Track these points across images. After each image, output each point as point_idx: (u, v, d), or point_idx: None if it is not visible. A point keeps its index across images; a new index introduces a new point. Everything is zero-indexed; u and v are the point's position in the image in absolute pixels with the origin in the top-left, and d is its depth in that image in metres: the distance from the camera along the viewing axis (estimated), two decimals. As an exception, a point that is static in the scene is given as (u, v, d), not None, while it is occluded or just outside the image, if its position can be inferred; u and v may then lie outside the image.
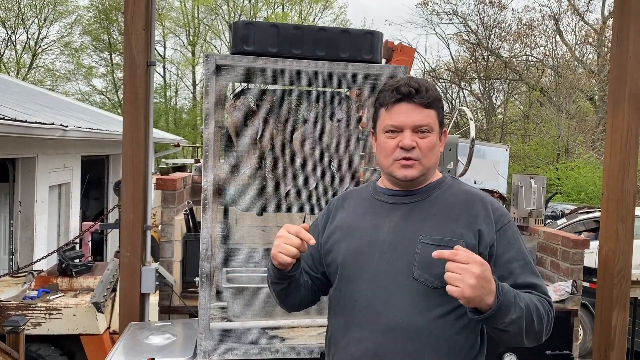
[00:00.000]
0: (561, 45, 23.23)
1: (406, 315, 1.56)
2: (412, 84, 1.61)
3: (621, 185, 3.22)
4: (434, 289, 1.55)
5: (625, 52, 3.19)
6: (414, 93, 1.60)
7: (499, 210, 1.66)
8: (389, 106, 1.64)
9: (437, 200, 1.66)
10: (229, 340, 2.40)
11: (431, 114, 1.63)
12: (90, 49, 28.95)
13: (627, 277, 3.25)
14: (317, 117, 2.59)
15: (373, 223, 1.67)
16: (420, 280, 1.56)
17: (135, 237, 2.96)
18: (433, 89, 1.65)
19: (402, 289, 1.57)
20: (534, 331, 1.53)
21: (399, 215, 1.65)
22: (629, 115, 3.20)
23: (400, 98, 1.61)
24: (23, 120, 5.82)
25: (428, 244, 1.57)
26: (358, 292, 1.62)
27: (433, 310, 1.56)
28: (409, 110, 1.61)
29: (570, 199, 17.01)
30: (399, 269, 1.58)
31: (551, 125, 21.49)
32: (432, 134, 1.63)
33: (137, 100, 2.95)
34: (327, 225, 1.78)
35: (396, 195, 1.69)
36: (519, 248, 1.64)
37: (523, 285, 1.59)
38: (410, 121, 1.61)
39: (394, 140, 1.62)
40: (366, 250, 1.63)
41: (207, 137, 2.33)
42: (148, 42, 2.98)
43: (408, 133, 1.61)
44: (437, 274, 1.53)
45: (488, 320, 1.45)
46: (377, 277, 1.60)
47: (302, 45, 2.34)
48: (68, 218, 8.82)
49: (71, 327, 4.72)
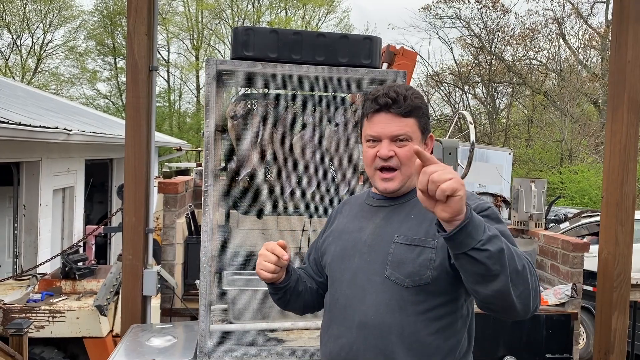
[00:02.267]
0: (565, 49, 23.24)
1: (378, 313, 1.58)
2: (390, 94, 1.63)
3: (620, 189, 3.23)
4: (406, 287, 1.57)
5: (624, 57, 3.21)
6: (390, 103, 1.62)
7: (477, 200, 1.64)
8: (369, 116, 1.68)
9: (417, 203, 1.60)
10: (229, 342, 2.42)
11: (409, 122, 1.65)
12: (94, 53, 29.16)
13: (626, 280, 3.26)
14: (317, 121, 2.62)
15: (359, 226, 1.73)
16: (391, 279, 1.59)
17: (137, 240, 2.99)
18: (413, 97, 1.66)
19: (375, 287, 1.60)
20: (521, 276, 1.36)
21: (381, 217, 1.70)
22: (628, 120, 3.22)
23: (378, 108, 1.64)
24: (27, 124, 5.86)
25: (401, 244, 1.60)
26: (339, 291, 1.68)
27: (406, 309, 1.57)
28: (386, 120, 1.64)
29: (574, 202, 16.97)
30: (373, 268, 1.62)
31: (555, 129, 21.46)
32: (411, 142, 1.64)
33: (139, 105, 2.98)
34: (325, 231, 1.88)
35: (381, 199, 1.74)
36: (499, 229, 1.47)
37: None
38: (387, 131, 1.64)
39: (374, 150, 1.66)
40: (349, 252, 1.69)
41: (208, 141, 2.36)
42: (150, 47, 3.02)
43: (386, 143, 1.64)
44: (408, 273, 1.56)
45: (461, 236, 1.30)
46: (356, 276, 1.65)
47: (301, 50, 2.37)
48: (72, 221, 8.86)
49: (74, 330, 4.74)
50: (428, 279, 1.56)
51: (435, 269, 1.55)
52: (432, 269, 1.55)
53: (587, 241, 3.61)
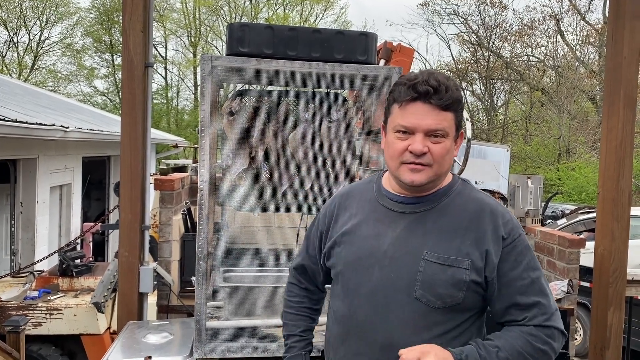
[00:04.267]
0: (562, 45, 23.26)
1: (404, 335, 1.49)
2: (431, 82, 1.46)
3: (616, 185, 3.24)
4: (435, 309, 1.49)
5: (620, 53, 3.21)
6: (431, 93, 1.45)
7: (509, 224, 1.54)
8: (402, 104, 1.49)
9: (444, 211, 1.54)
10: (225, 338, 2.42)
11: (448, 117, 1.49)
12: (91, 50, 29.08)
13: (622, 276, 3.27)
14: (313, 118, 2.62)
15: (375, 231, 1.57)
16: (422, 300, 1.49)
17: (133, 237, 2.99)
18: (454, 88, 1.50)
19: (401, 307, 1.50)
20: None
21: (403, 226, 1.54)
22: (624, 116, 3.22)
23: (416, 97, 1.46)
24: (24, 122, 5.85)
25: (432, 262, 1.49)
26: (356, 305, 1.56)
27: (432, 329, 1.50)
28: (424, 111, 1.46)
29: (572, 199, 17.01)
30: (399, 286, 1.51)
31: (552, 125, 21.49)
32: (446, 139, 1.49)
33: (135, 102, 2.98)
34: (330, 226, 1.68)
35: (402, 203, 1.57)
36: (527, 264, 1.51)
37: (525, 305, 1.50)
38: (423, 124, 1.46)
39: (404, 142, 1.49)
40: (366, 262, 1.55)
41: (203, 137, 2.36)
42: (146, 43, 3.01)
43: (420, 137, 1.47)
44: (439, 294, 1.48)
45: None
46: (376, 291, 1.53)
47: (297, 46, 2.36)
48: (69, 219, 8.85)
49: (72, 327, 4.74)
50: (459, 299, 1.49)
51: (468, 289, 1.49)
52: (464, 290, 1.49)
53: (584, 237, 3.61)
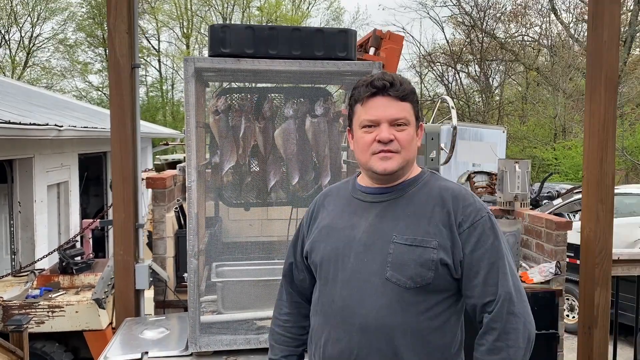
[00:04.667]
0: (556, 23, 23.15)
1: (380, 316, 1.55)
2: (386, 78, 1.60)
3: (600, 167, 3.29)
4: (407, 289, 1.55)
5: (600, 37, 3.25)
6: (388, 86, 1.58)
7: (472, 206, 1.61)
8: (364, 101, 1.61)
9: (412, 198, 1.64)
10: (218, 332, 2.50)
11: (407, 107, 1.61)
12: (85, 45, 28.96)
13: (607, 256, 3.34)
14: (297, 114, 2.67)
15: (350, 223, 1.66)
16: (392, 281, 1.55)
17: (127, 236, 3.05)
18: (407, 82, 1.63)
19: (375, 289, 1.57)
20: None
21: (374, 214, 1.64)
22: (606, 99, 3.27)
23: (375, 92, 1.59)
24: (17, 122, 5.89)
25: (400, 244, 1.57)
26: (335, 293, 1.62)
27: (407, 310, 1.55)
28: (384, 103, 1.59)
29: (568, 178, 17.07)
30: (372, 269, 1.58)
31: (548, 105, 21.49)
32: (409, 127, 1.61)
33: (123, 102, 3.03)
34: (310, 226, 1.78)
35: (372, 194, 1.68)
36: (491, 245, 1.58)
37: (492, 284, 1.56)
38: (387, 114, 1.59)
39: (371, 135, 1.60)
40: (342, 251, 1.63)
41: (189, 137, 2.41)
42: (131, 44, 3.05)
43: (385, 126, 1.59)
44: (409, 275, 1.54)
45: None
46: (352, 277, 1.60)
47: (277, 45, 2.41)
48: (68, 216, 8.92)
49: (74, 324, 4.82)
50: (429, 279, 1.55)
51: (436, 268, 1.55)
52: (433, 269, 1.54)
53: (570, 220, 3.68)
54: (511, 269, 1.60)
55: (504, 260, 1.59)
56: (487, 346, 1.55)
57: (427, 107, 22.05)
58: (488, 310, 1.56)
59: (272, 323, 1.88)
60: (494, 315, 1.55)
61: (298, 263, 1.82)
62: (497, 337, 1.54)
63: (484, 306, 1.57)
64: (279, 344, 1.83)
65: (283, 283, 1.87)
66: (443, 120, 8.16)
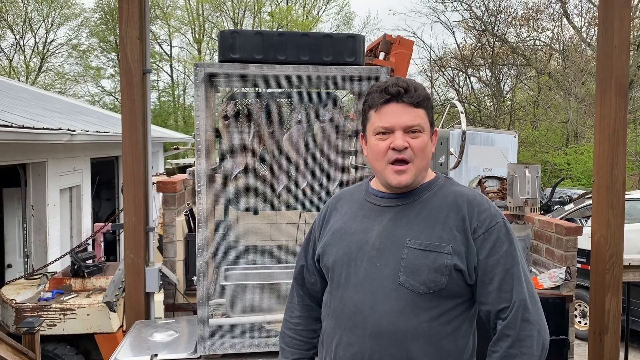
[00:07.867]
0: (568, 28, 23.02)
1: (392, 321, 1.55)
2: (400, 84, 1.59)
3: (610, 172, 3.28)
4: (420, 294, 1.54)
5: (610, 41, 3.24)
6: (402, 92, 1.58)
7: (488, 212, 1.60)
8: (378, 107, 1.61)
9: (426, 203, 1.63)
10: (227, 335, 2.51)
11: (421, 113, 1.61)
12: (97, 50, 29.29)
13: (619, 262, 3.31)
14: (306, 118, 2.69)
15: (363, 226, 1.66)
16: (405, 286, 1.55)
17: (138, 240, 3.08)
18: (422, 88, 1.63)
19: (388, 294, 1.56)
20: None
21: (388, 219, 1.63)
22: (616, 103, 3.25)
23: (389, 98, 1.59)
24: (31, 127, 5.96)
25: (414, 249, 1.56)
26: (346, 297, 1.62)
27: (420, 315, 1.54)
28: (399, 110, 1.59)
29: (580, 183, 16.93)
30: (385, 274, 1.57)
31: (560, 109, 21.34)
32: (423, 134, 1.61)
33: (134, 107, 3.06)
34: (322, 229, 1.78)
35: (386, 198, 1.67)
36: (506, 251, 1.57)
37: (507, 290, 1.55)
38: (401, 121, 1.58)
39: (385, 142, 1.60)
40: (355, 255, 1.63)
41: (199, 142, 2.43)
42: (143, 50, 3.09)
43: (399, 134, 1.58)
44: (422, 280, 1.54)
45: None
46: (365, 281, 1.59)
47: (286, 50, 2.43)
48: (80, 220, 9.00)
49: (85, 327, 4.87)
50: (443, 284, 1.54)
51: (450, 274, 1.54)
52: (447, 275, 1.54)
53: (581, 225, 3.65)
54: (526, 276, 1.59)
55: (519, 266, 1.58)
56: (501, 353, 1.53)
57: (438, 112, 21.99)
58: (502, 317, 1.55)
59: (283, 326, 1.87)
60: (508, 322, 1.54)
61: (309, 266, 1.81)
62: (511, 344, 1.52)
63: (498, 313, 1.56)
64: (290, 347, 1.83)
65: (294, 286, 1.87)
66: (453, 124, 8.13)
